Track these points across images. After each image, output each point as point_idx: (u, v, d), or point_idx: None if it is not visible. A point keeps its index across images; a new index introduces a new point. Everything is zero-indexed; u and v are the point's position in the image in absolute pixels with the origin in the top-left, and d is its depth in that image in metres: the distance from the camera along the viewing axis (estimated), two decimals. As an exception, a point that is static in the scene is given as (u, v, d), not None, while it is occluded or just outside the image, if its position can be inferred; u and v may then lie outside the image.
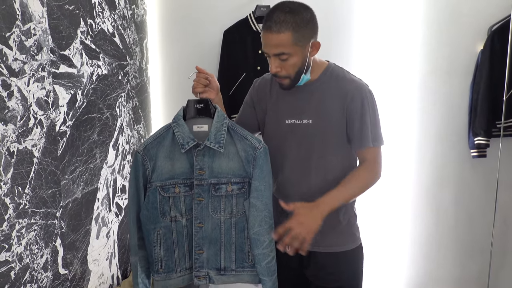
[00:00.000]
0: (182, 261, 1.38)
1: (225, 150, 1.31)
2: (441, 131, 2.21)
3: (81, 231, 1.59)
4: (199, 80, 1.41)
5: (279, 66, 1.27)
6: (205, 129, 1.34)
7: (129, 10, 2.01)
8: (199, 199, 1.33)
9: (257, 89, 1.51)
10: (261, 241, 1.32)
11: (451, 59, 2.15)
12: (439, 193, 2.27)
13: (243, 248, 1.37)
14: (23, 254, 1.25)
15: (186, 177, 1.33)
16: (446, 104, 2.19)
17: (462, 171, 2.22)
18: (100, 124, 1.72)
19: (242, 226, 1.36)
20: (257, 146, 1.31)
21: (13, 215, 1.20)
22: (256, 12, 2.14)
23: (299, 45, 1.25)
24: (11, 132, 1.18)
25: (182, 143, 1.29)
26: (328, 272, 1.40)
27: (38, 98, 1.31)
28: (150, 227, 1.33)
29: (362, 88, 1.33)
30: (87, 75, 1.60)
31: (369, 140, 1.32)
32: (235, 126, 1.34)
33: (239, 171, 1.33)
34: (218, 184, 1.32)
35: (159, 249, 1.35)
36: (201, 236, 1.35)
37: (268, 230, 1.33)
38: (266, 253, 1.33)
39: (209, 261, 1.37)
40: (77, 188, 1.55)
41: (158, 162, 1.32)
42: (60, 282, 1.45)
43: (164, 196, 1.33)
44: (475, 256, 2.28)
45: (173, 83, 2.36)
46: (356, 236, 1.43)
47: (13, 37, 1.18)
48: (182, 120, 1.32)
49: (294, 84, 1.32)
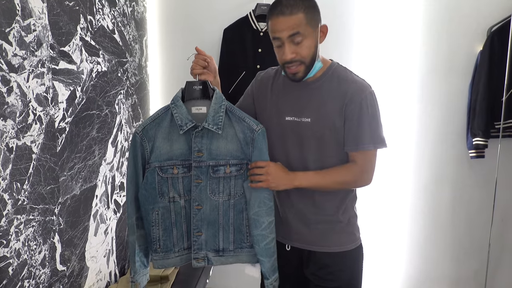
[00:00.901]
0: (180, 241, 1.38)
1: (223, 132, 1.31)
2: (440, 131, 2.22)
3: (79, 227, 1.59)
4: (197, 62, 1.40)
5: (294, 51, 1.25)
6: (204, 111, 1.34)
7: (129, 7, 2.00)
8: (197, 181, 1.33)
9: (259, 82, 1.50)
10: (260, 222, 1.33)
11: (450, 59, 2.15)
12: (437, 193, 2.28)
13: (242, 229, 1.37)
14: (21, 250, 1.25)
15: (185, 159, 1.33)
16: (444, 104, 2.19)
17: (460, 171, 2.23)
18: (99, 121, 1.71)
19: (240, 208, 1.36)
20: (255, 128, 1.32)
21: (12, 211, 1.20)
22: (256, 11, 2.14)
23: (311, 26, 1.24)
24: (10, 128, 1.18)
25: (180, 124, 1.29)
26: (327, 271, 1.40)
27: (38, 94, 1.31)
28: (148, 207, 1.34)
29: (362, 89, 1.31)
30: (87, 71, 1.60)
31: (363, 142, 1.31)
32: (233, 108, 1.34)
33: (237, 153, 1.33)
34: (217, 166, 1.33)
35: (157, 229, 1.35)
36: (200, 218, 1.35)
37: (267, 211, 1.33)
38: (265, 234, 1.34)
39: (208, 243, 1.37)
40: (75, 185, 1.55)
41: (156, 143, 1.32)
42: (58, 278, 1.45)
43: (162, 176, 1.33)
44: (473, 255, 2.28)
45: (173, 81, 2.36)
46: (356, 236, 1.42)
47: (13, 33, 1.18)
48: (180, 101, 1.32)
49: (307, 72, 1.30)
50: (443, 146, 2.23)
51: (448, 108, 2.19)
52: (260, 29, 2.14)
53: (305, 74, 1.30)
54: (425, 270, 2.34)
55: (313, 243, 1.39)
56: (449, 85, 2.17)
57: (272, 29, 1.26)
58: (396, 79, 2.20)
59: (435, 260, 2.33)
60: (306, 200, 1.38)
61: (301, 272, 1.46)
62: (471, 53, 2.12)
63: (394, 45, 2.18)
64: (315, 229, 1.39)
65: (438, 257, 2.33)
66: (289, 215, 1.41)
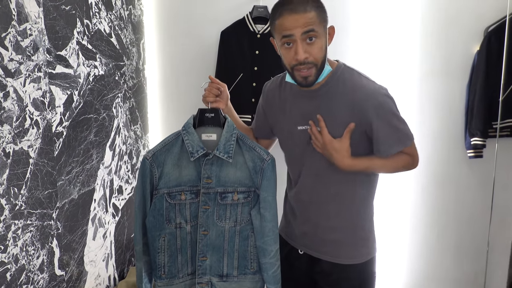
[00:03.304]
0: (184, 267, 1.39)
1: (233, 160, 1.32)
2: (438, 131, 2.22)
3: (78, 232, 1.58)
4: (210, 90, 1.40)
5: (307, 50, 1.19)
6: (214, 138, 1.35)
7: (126, 11, 2.00)
8: (205, 207, 1.34)
9: (266, 95, 1.49)
10: (269, 251, 1.34)
11: (447, 60, 2.16)
12: (435, 193, 2.28)
13: (246, 256, 1.38)
14: (19, 255, 1.24)
15: (193, 185, 1.34)
16: (442, 105, 2.20)
17: (459, 171, 2.23)
18: (96, 124, 1.71)
19: (246, 234, 1.37)
20: (265, 157, 1.32)
21: (9, 216, 1.20)
22: (253, 13, 2.14)
23: (323, 25, 1.20)
24: (7, 133, 1.18)
25: (191, 151, 1.30)
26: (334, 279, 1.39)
27: (34, 98, 1.30)
28: (155, 234, 1.34)
29: (372, 95, 1.25)
30: (84, 75, 1.60)
31: (394, 146, 1.28)
32: (244, 137, 1.35)
33: (245, 181, 1.34)
34: (225, 193, 1.33)
35: (163, 255, 1.36)
36: (206, 243, 1.36)
37: (274, 239, 1.35)
38: (273, 262, 1.35)
39: (212, 268, 1.38)
40: (73, 189, 1.54)
41: (166, 169, 1.33)
42: (56, 283, 1.44)
43: (170, 203, 1.34)
44: (472, 256, 2.28)
45: (170, 83, 2.36)
46: (369, 250, 1.40)
47: (9, 37, 1.18)
48: (192, 128, 1.33)
49: (318, 76, 1.24)
50: (441, 146, 2.23)
51: (445, 108, 2.20)
52: (257, 31, 2.14)
53: (316, 78, 1.24)
54: (423, 271, 2.34)
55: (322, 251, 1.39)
56: (447, 85, 2.18)
57: (283, 27, 1.19)
58: (393, 81, 2.20)
59: (434, 260, 2.33)
60: (321, 207, 1.37)
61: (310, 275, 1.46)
62: (468, 53, 2.12)
63: (391, 46, 2.18)
64: (328, 238, 1.38)
65: (436, 257, 2.33)
66: (303, 221, 1.41)
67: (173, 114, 2.38)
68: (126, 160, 2.02)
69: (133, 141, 2.11)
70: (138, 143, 2.20)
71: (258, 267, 1.39)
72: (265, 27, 2.15)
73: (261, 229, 1.33)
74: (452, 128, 2.20)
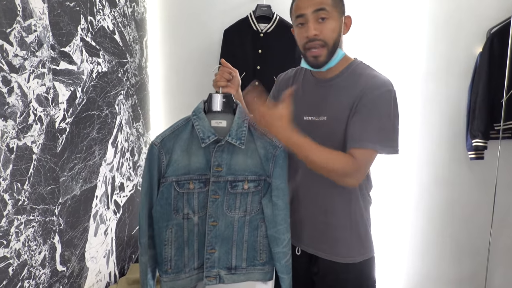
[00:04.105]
0: (191, 261, 1.34)
1: (244, 147, 1.27)
2: (440, 133, 2.22)
3: (79, 228, 1.59)
4: (222, 74, 1.36)
5: (317, 28, 1.20)
6: (223, 125, 1.29)
7: (129, 8, 2.01)
8: (214, 196, 1.28)
9: (279, 85, 1.48)
10: (281, 240, 1.30)
11: (450, 61, 2.16)
12: (437, 194, 2.28)
13: (255, 246, 1.34)
14: (21, 250, 1.25)
15: (201, 173, 1.28)
16: (444, 106, 2.20)
17: (460, 172, 2.23)
18: (99, 121, 1.71)
19: (255, 224, 1.32)
20: (277, 144, 1.27)
21: (12, 211, 1.20)
22: (256, 12, 2.14)
23: (337, 10, 1.22)
24: (10, 128, 1.18)
25: (202, 137, 1.24)
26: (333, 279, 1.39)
27: (38, 94, 1.31)
28: (162, 224, 1.28)
29: (381, 84, 1.23)
30: (87, 72, 1.60)
31: (368, 140, 1.20)
32: (255, 124, 1.29)
33: (255, 169, 1.29)
34: (235, 182, 1.28)
35: (170, 248, 1.30)
36: (215, 234, 1.31)
37: (287, 228, 1.31)
38: (286, 252, 1.32)
39: (220, 260, 1.33)
40: (75, 185, 1.55)
41: (174, 155, 1.25)
42: (57, 279, 1.45)
43: (179, 192, 1.28)
44: (473, 256, 2.29)
45: (173, 81, 2.36)
46: (365, 250, 1.38)
47: (13, 33, 1.18)
48: (202, 113, 1.26)
49: (330, 57, 1.24)
50: (443, 147, 2.23)
51: (447, 110, 2.20)
52: (261, 30, 2.15)
53: (327, 58, 1.24)
54: (425, 271, 2.35)
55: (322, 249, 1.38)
56: (449, 86, 2.18)
57: (296, 7, 1.24)
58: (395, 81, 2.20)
59: (435, 261, 2.34)
60: (318, 204, 1.36)
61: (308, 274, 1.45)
62: (470, 55, 2.12)
63: (394, 47, 2.18)
64: (324, 235, 1.37)
65: (438, 258, 2.33)
66: (301, 218, 1.39)
67: (175, 112, 2.39)
68: (128, 157, 2.03)
69: (135, 138, 2.11)
70: (140, 140, 2.20)
71: (267, 258, 1.35)
72: (268, 26, 2.15)
73: (273, 218, 1.28)
74: (454, 129, 2.20)
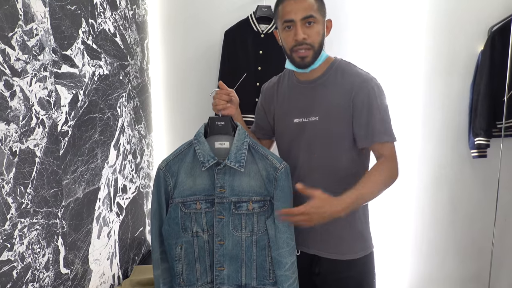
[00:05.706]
0: (203, 275, 1.38)
1: (246, 169, 1.30)
2: (442, 131, 2.22)
3: (83, 230, 1.59)
4: (220, 97, 1.39)
5: (305, 32, 1.26)
6: (227, 146, 1.34)
7: (130, 11, 2.01)
8: (219, 216, 1.33)
9: (264, 93, 1.51)
10: (284, 263, 1.31)
11: (451, 59, 2.16)
12: (439, 192, 2.27)
13: (264, 266, 1.36)
14: (25, 253, 1.25)
15: (207, 194, 1.33)
16: (446, 104, 2.19)
17: (462, 171, 2.23)
18: (101, 124, 1.72)
19: (263, 244, 1.35)
20: (278, 166, 1.30)
21: (15, 215, 1.20)
22: (257, 13, 2.15)
23: (321, 14, 1.28)
24: (13, 132, 1.19)
25: (202, 161, 1.30)
26: (334, 278, 1.39)
27: (40, 98, 1.31)
28: (171, 242, 1.34)
29: (368, 81, 1.30)
30: (89, 75, 1.61)
31: (380, 134, 1.27)
32: (256, 145, 1.33)
33: (260, 190, 1.32)
34: (239, 203, 1.32)
35: (181, 263, 1.36)
36: (222, 253, 1.35)
37: (290, 251, 1.32)
38: (289, 275, 1.32)
39: (230, 278, 1.36)
40: (78, 188, 1.55)
41: (179, 178, 1.32)
42: (61, 281, 1.45)
43: (185, 212, 1.34)
44: (476, 256, 2.28)
45: (174, 83, 2.36)
46: (365, 245, 1.39)
47: (15, 37, 1.18)
48: (203, 137, 1.32)
49: (315, 58, 1.29)
50: (445, 146, 2.23)
51: (449, 108, 2.19)
52: (261, 31, 2.15)
53: (313, 59, 1.29)
54: (428, 271, 2.34)
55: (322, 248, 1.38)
56: (451, 85, 2.17)
57: (284, 12, 1.27)
58: (397, 80, 2.20)
59: (437, 260, 2.33)
60: None
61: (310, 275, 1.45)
62: (472, 53, 2.12)
63: (395, 45, 2.18)
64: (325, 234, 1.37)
65: (441, 257, 2.33)
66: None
67: (177, 114, 2.39)
68: (130, 159, 2.03)
69: (137, 141, 2.12)
70: (142, 142, 2.21)
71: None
72: (269, 27, 2.15)
73: (276, 240, 1.31)
74: (456, 127, 2.20)
